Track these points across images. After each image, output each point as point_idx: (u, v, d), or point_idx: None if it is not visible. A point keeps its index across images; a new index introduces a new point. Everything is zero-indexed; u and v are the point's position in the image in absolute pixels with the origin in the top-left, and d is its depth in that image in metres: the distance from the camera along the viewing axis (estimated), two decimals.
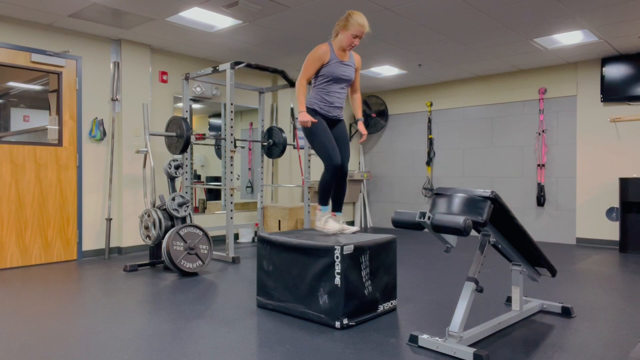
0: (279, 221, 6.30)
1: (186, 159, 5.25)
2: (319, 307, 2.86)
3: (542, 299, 3.36)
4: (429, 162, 7.67)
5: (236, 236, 6.56)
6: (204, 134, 5.78)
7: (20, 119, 4.72)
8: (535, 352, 2.42)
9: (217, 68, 4.96)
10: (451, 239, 2.54)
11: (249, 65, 4.95)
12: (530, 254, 2.92)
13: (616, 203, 5.96)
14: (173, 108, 5.90)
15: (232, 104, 4.83)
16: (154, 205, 4.70)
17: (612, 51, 5.72)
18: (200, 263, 4.32)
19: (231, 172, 4.86)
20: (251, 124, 6.98)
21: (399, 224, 2.54)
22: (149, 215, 4.47)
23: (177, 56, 5.91)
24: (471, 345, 2.47)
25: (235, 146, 4.87)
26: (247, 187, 6.98)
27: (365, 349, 2.46)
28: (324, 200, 3.31)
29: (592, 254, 5.47)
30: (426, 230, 4.10)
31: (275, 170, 7.04)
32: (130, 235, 5.36)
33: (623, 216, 5.74)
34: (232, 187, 4.84)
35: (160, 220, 4.41)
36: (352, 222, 8.46)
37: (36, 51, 4.73)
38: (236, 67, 4.85)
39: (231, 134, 4.82)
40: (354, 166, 8.50)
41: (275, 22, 4.71)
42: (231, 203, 4.86)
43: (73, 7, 4.32)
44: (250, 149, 6.99)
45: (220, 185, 6.51)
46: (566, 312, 3.07)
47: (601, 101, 6.04)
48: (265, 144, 6.12)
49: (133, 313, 3.09)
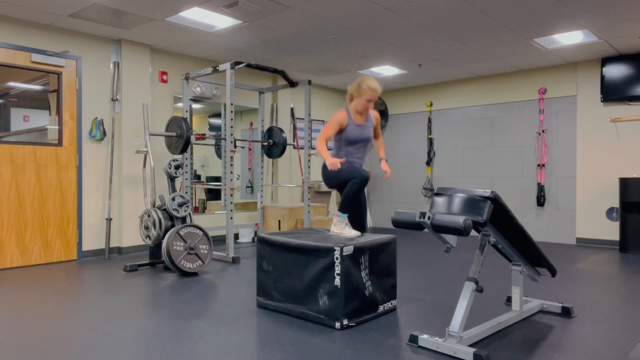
0: (279, 221, 6.30)
1: (186, 159, 5.25)
2: (319, 308, 2.86)
3: (542, 299, 3.36)
4: (429, 162, 7.67)
5: (236, 236, 6.56)
6: (204, 134, 5.78)
7: (20, 119, 4.72)
8: (535, 352, 2.42)
9: (217, 68, 4.96)
10: (451, 239, 2.54)
11: (249, 65, 4.95)
12: (530, 254, 2.92)
13: (616, 203, 5.96)
14: (173, 108, 5.90)
15: (232, 104, 4.83)
16: (154, 205, 4.70)
17: (612, 51, 5.72)
18: (200, 263, 4.32)
19: (231, 172, 4.86)
20: (251, 124, 6.98)
21: (399, 224, 2.54)
22: (149, 215, 4.47)
23: (177, 56, 5.91)
24: (471, 345, 2.47)
25: (235, 146, 4.87)
26: (247, 187, 6.98)
27: (365, 349, 2.46)
28: (347, 208, 3.30)
29: (592, 254, 5.47)
30: (426, 230, 4.08)
31: (275, 170, 7.04)
32: (130, 235, 5.36)
33: (623, 216, 5.74)
34: (232, 187, 4.84)
35: (160, 220, 4.41)
36: None
37: (36, 51, 4.73)
38: (236, 67, 4.85)
39: (231, 134, 4.82)
40: None
41: (275, 22, 4.71)
42: (231, 203, 4.86)
43: (73, 7, 4.32)
44: (250, 149, 6.99)
45: (220, 185, 6.51)
46: (566, 312, 3.07)
47: (601, 101, 6.04)
48: (265, 144, 6.12)
49: (133, 313, 3.09)
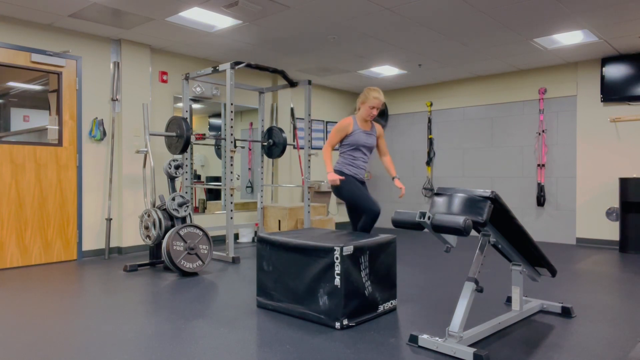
0: (279, 221, 6.30)
1: (186, 159, 5.25)
2: (319, 308, 2.86)
3: (542, 299, 3.36)
4: (429, 162, 7.67)
5: (236, 236, 6.56)
6: (204, 134, 5.78)
7: (20, 119, 4.72)
8: (535, 352, 2.42)
9: (217, 68, 4.96)
10: (451, 239, 2.54)
11: (249, 65, 4.95)
12: (530, 254, 2.92)
13: (616, 203, 5.96)
14: (173, 108, 5.90)
15: (232, 104, 4.83)
16: (154, 205, 4.70)
17: (612, 51, 5.72)
18: (200, 263, 4.32)
19: (231, 172, 4.86)
20: (251, 124, 6.98)
21: (399, 224, 2.54)
22: (149, 215, 4.47)
23: (177, 56, 5.91)
24: (471, 345, 2.47)
25: (235, 146, 4.87)
26: (247, 187, 6.98)
27: (365, 349, 2.46)
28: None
29: (592, 254, 5.47)
30: (426, 230, 4.08)
31: (275, 170, 7.04)
32: (130, 235, 5.36)
33: (623, 216, 5.74)
34: (232, 187, 4.84)
35: (160, 220, 4.41)
36: None
37: (36, 51, 4.73)
38: (236, 67, 4.85)
39: (231, 134, 4.82)
40: None
41: (275, 22, 4.71)
42: (231, 203, 4.86)
43: (73, 7, 4.32)
44: (250, 149, 6.99)
45: (220, 185, 6.51)
46: (566, 312, 3.07)
47: (601, 101, 6.04)
48: (265, 144, 6.12)
49: (133, 313, 3.10)
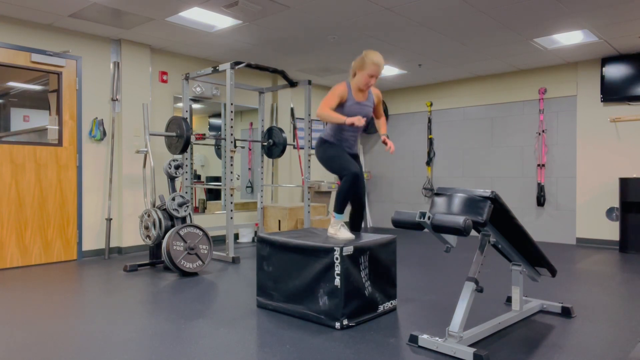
0: (279, 221, 6.30)
1: (186, 159, 5.25)
2: (319, 308, 2.86)
3: (542, 299, 3.36)
4: (429, 162, 7.67)
5: (236, 236, 6.56)
6: (204, 134, 5.78)
7: (20, 119, 4.72)
8: (535, 352, 2.42)
9: (217, 68, 4.96)
10: (451, 239, 2.54)
11: (249, 65, 4.95)
12: (530, 254, 2.92)
13: (616, 203, 5.96)
14: (173, 108, 5.90)
15: (232, 104, 4.83)
16: (154, 205, 4.70)
17: (612, 51, 5.72)
18: (200, 263, 4.32)
19: (231, 172, 4.86)
20: (251, 124, 6.98)
21: (399, 224, 2.54)
22: (149, 215, 4.47)
23: (177, 56, 5.91)
24: (471, 345, 2.47)
25: (235, 146, 4.87)
26: (247, 187, 6.98)
27: (365, 349, 2.46)
28: (341, 207, 3.27)
29: (592, 254, 5.47)
30: (426, 230, 4.07)
31: (275, 170, 7.04)
32: (130, 235, 5.36)
33: (623, 216, 5.74)
34: (232, 187, 4.84)
35: (160, 220, 4.41)
36: None
37: (36, 51, 4.73)
38: (236, 67, 4.85)
39: (231, 134, 4.82)
40: None
41: (275, 22, 4.71)
42: (231, 203, 4.86)
43: (73, 7, 4.32)
44: (250, 149, 6.99)
45: (220, 185, 6.51)
46: (566, 312, 3.07)
47: (601, 101, 6.04)
48: (265, 144, 6.12)
49: (133, 313, 3.10)
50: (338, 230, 3.20)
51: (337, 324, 2.77)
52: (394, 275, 3.18)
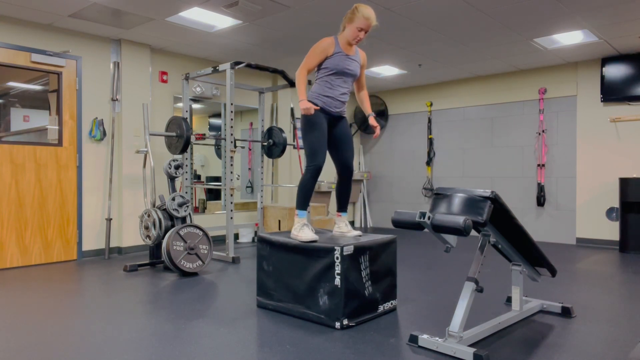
0: (279, 221, 6.31)
1: (186, 159, 5.25)
2: (319, 308, 2.86)
3: (542, 299, 3.36)
4: (429, 162, 7.67)
5: (236, 236, 6.55)
6: (204, 134, 5.78)
7: (20, 119, 4.72)
8: (535, 352, 2.42)
9: (217, 68, 4.96)
10: (451, 239, 2.54)
11: (249, 65, 4.95)
12: (530, 254, 2.92)
13: (616, 203, 5.96)
14: (173, 108, 5.90)
15: (232, 104, 4.83)
16: (154, 205, 4.70)
17: (612, 51, 5.72)
18: (200, 263, 4.32)
19: (231, 172, 4.86)
20: (251, 124, 6.98)
21: (399, 224, 2.54)
22: (149, 215, 4.47)
23: (177, 56, 5.91)
24: (471, 345, 2.47)
25: (235, 146, 4.87)
26: (247, 187, 6.98)
27: (365, 349, 2.46)
28: (303, 204, 3.08)
29: (592, 254, 5.47)
30: (426, 230, 4.07)
31: (275, 170, 7.04)
32: (130, 235, 5.36)
33: (623, 216, 5.74)
34: (232, 187, 4.84)
35: (160, 220, 4.41)
36: (352, 222, 8.47)
37: (36, 51, 4.73)
38: (236, 67, 4.85)
39: (231, 134, 4.82)
40: (354, 166, 8.49)
41: (275, 22, 4.71)
42: (231, 203, 4.86)
43: (73, 7, 4.32)
44: (250, 149, 6.99)
45: (220, 185, 6.51)
46: (566, 312, 3.07)
47: (601, 101, 6.04)
48: (265, 144, 6.12)
49: (133, 313, 3.09)
50: (300, 230, 3.03)
51: (337, 324, 2.77)
52: (394, 275, 3.18)
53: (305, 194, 3.09)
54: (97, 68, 5.20)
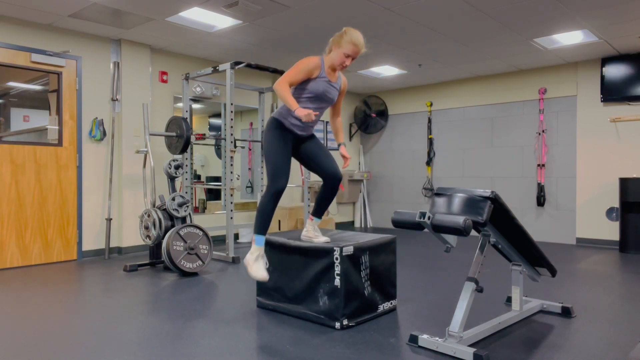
0: (279, 221, 6.30)
1: (186, 159, 5.25)
2: (319, 308, 2.86)
3: (542, 299, 3.36)
4: (429, 162, 7.67)
5: (236, 236, 6.56)
6: (204, 134, 5.78)
7: (20, 119, 4.72)
8: (535, 352, 2.42)
9: (217, 68, 4.96)
10: (451, 239, 2.54)
11: (249, 65, 4.95)
12: (530, 254, 2.92)
13: (616, 203, 5.96)
14: (173, 108, 5.90)
15: (232, 104, 4.83)
16: (154, 205, 4.70)
17: (612, 51, 5.72)
18: (200, 263, 4.32)
19: (231, 172, 4.86)
20: (251, 124, 6.98)
21: (399, 224, 2.54)
22: (149, 215, 4.47)
23: (177, 56, 5.91)
24: (471, 345, 2.47)
25: (235, 146, 4.87)
26: (247, 187, 6.98)
27: (365, 349, 2.46)
28: (262, 228, 2.80)
29: (592, 254, 5.47)
30: (426, 230, 4.07)
31: None
32: (130, 235, 5.36)
33: (623, 216, 5.74)
34: (232, 187, 4.84)
35: (160, 220, 4.41)
36: (352, 222, 8.47)
37: (36, 51, 4.73)
38: (236, 67, 4.85)
39: (231, 134, 4.82)
40: (354, 166, 8.50)
41: (275, 22, 4.71)
42: (231, 203, 4.86)
43: (73, 7, 4.32)
44: (250, 149, 6.99)
45: (220, 185, 6.51)
46: (566, 312, 3.07)
47: (601, 101, 6.04)
48: None
49: (133, 313, 3.09)
50: (254, 261, 2.76)
51: (337, 324, 2.77)
52: (394, 275, 3.18)
53: (264, 218, 2.80)
54: (97, 68, 5.20)
